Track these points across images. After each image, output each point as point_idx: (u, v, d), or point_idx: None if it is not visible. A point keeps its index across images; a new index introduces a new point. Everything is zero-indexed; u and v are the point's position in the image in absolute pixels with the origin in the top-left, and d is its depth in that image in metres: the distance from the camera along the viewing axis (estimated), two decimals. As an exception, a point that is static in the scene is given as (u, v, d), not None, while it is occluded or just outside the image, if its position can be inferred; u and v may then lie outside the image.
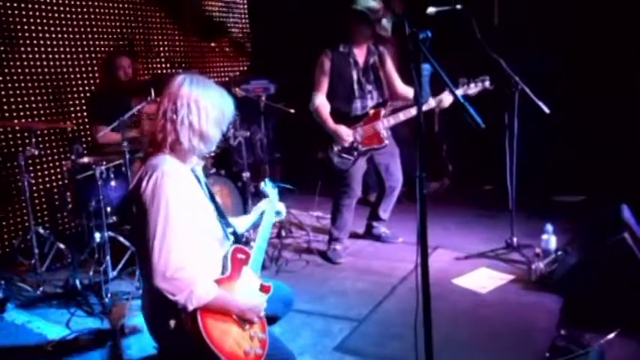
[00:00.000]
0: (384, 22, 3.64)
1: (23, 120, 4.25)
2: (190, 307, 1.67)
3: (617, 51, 4.61)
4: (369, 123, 3.75)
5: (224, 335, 1.74)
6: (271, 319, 2.11)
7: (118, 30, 4.97)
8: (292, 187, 2.53)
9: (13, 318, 3.14)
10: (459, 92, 3.54)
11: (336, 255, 3.87)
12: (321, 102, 3.74)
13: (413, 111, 3.68)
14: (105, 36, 4.84)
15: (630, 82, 4.57)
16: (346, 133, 3.69)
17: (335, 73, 3.74)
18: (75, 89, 4.63)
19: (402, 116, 3.73)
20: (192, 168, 1.92)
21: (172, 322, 1.72)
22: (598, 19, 4.61)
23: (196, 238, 1.79)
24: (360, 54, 3.77)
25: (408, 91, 3.87)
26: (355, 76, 3.75)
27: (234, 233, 2.04)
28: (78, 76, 4.65)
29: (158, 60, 5.40)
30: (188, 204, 1.77)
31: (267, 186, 2.39)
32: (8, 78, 4.18)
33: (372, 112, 3.78)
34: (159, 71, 5.38)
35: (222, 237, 1.94)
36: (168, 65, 5.45)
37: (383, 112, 3.78)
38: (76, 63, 4.62)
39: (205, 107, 1.80)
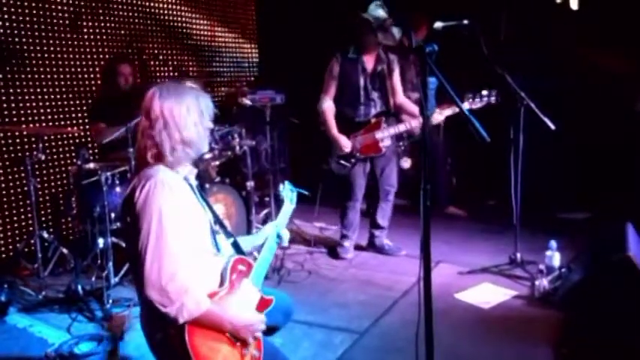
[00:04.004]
0: (395, 31, 3.69)
1: (31, 125, 4.29)
2: (181, 320, 1.62)
3: (622, 68, 4.62)
4: (369, 132, 3.84)
5: (213, 353, 1.69)
6: (270, 330, 2.09)
7: (126, 37, 5.02)
8: (307, 194, 2.49)
9: (15, 322, 3.14)
10: (465, 106, 3.62)
11: (343, 251, 4.06)
12: (328, 106, 3.86)
13: (413, 123, 3.79)
14: (113, 43, 4.89)
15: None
16: (345, 144, 3.80)
17: (343, 78, 3.83)
18: (82, 95, 4.67)
19: (402, 127, 3.83)
20: (186, 176, 1.88)
21: (160, 335, 1.70)
22: (604, 37, 4.62)
23: (190, 248, 1.74)
24: (369, 61, 3.85)
25: (405, 104, 3.96)
26: (362, 83, 3.84)
27: (235, 244, 1.99)
28: (86, 82, 4.69)
29: (166, 68, 5.45)
30: (182, 214, 1.73)
31: (286, 189, 2.32)
32: (17, 83, 4.22)
33: (373, 120, 3.87)
34: (166, 79, 5.42)
35: (217, 248, 1.89)
36: (176, 73, 5.50)
37: (384, 121, 3.85)
38: (84, 69, 4.67)
39: (179, 115, 1.78)
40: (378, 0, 3.68)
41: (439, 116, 3.74)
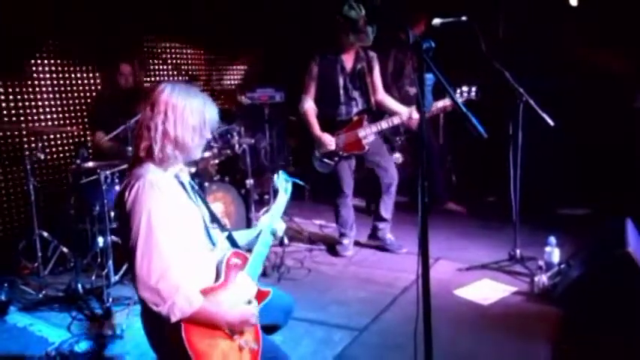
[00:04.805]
0: (369, 30, 3.70)
1: (30, 124, 4.28)
2: (173, 319, 1.63)
3: (622, 68, 4.62)
4: (351, 130, 3.86)
5: (211, 349, 1.69)
6: (271, 328, 2.10)
7: (126, 37, 5.01)
8: (304, 185, 2.47)
9: (15, 321, 3.15)
10: (445, 102, 3.65)
11: (342, 249, 4.08)
12: (310, 106, 3.89)
13: (396, 120, 3.81)
14: (112, 42, 4.87)
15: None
16: (328, 142, 3.82)
17: (322, 79, 3.86)
18: (82, 94, 4.67)
19: (384, 124, 3.83)
20: (177, 174, 1.87)
21: (158, 333, 1.70)
22: (603, 37, 4.61)
23: (182, 247, 1.73)
24: (348, 60, 3.87)
25: (386, 101, 3.95)
26: (342, 82, 3.86)
27: (230, 237, 1.99)
28: (85, 81, 4.69)
29: (165, 67, 5.44)
30: (172, 213, 1.72)
31: (280, 178, 2.27)
32: (16, 82, 4.22)
33: (355, 118, 3.88)
34: (165, 79, 5.42)
35: (212, 243, 1.89)
36: (175, 73, 5.49)
37: (366, 119, 3.87)
38: (84, 68, 4.67)
39: (182, 114, 1.77)
40: (353, 1, 3.66)
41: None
